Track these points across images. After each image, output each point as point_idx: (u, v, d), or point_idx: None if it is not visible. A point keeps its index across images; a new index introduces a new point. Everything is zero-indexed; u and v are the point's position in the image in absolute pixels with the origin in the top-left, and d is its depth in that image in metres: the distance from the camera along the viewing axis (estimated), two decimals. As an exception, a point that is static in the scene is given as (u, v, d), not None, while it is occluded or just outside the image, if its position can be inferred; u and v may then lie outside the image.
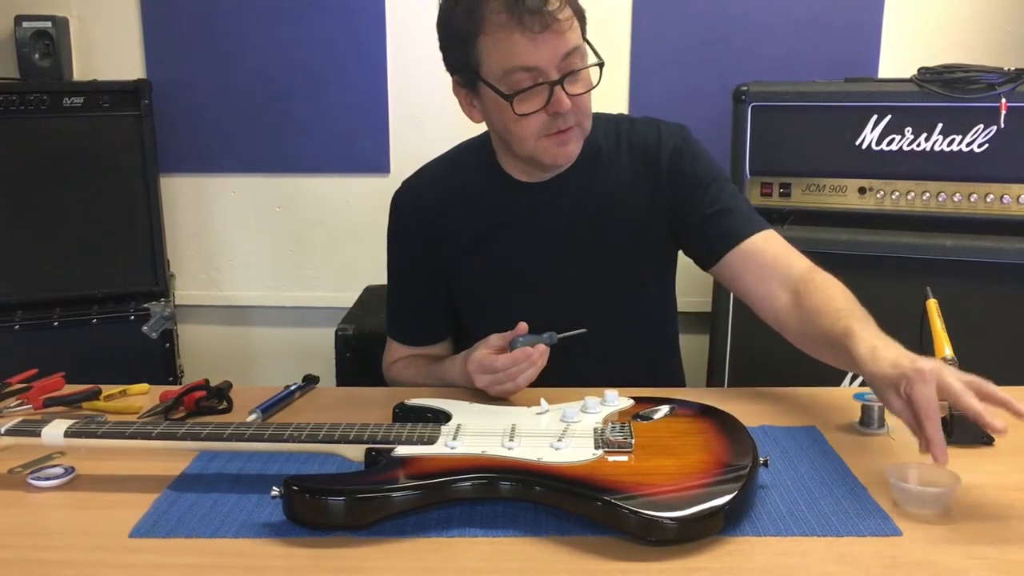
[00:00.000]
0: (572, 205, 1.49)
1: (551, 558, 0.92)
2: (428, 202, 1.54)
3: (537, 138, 1.37)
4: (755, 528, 0.97)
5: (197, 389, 1.35)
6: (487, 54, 1.32)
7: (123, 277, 2.66)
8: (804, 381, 1.46)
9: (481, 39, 1.32)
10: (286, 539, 0.95)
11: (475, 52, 1.33)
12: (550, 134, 1.36)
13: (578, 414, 1.14)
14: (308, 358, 2.85)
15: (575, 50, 1.33)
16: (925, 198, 2.16)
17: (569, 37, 1.31)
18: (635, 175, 1.49)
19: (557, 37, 1.29)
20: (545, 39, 1.29)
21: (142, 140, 2.61)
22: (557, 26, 1.29)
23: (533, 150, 1.38)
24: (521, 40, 1.28)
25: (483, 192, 1.51)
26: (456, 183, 1.54)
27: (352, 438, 1.07)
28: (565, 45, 1.31)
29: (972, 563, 0.91)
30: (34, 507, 1.05)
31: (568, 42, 1.31)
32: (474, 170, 1.53)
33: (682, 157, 1.49)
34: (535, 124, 1.35)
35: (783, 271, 1.40)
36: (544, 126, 1.35)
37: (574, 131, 1.38)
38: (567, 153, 1.40)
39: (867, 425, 1.25)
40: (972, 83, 2.09)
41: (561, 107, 1.33)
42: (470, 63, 1.35)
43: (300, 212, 2.91)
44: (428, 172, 1.58)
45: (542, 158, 1.39)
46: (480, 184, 1.51)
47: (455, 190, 1.53)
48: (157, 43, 2.79)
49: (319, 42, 2.76)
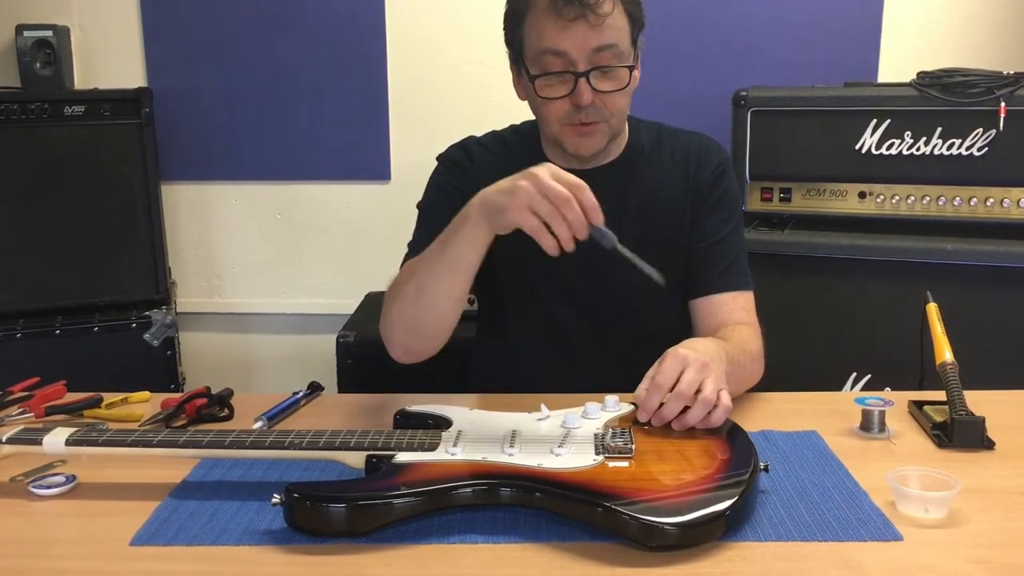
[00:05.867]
0: (614, 199, 1.49)
1: (552, 564, 0.92)
2: (478, 160, 1.54)
3: (560, 124, 1.41)
4: (756, 533, 0.97)
5: (198, 397, 1.35)
6: (527, 35, 1.39)
7: (124, 285, 2.66)
8: (804, 385, 1.46)
9: (527, 19, 1.38)
10: (287, 546, 0.95)
11: (521, 31, 1.40)
12: (572, 124, 1.40)
13: (579, 420, 1.14)
14: (309, 365, 2.85)
15: (610, 47, 1.35)
16: (925, 202, 2.17)
17: (605, 33, 1.34)
18: (675, 180, 1.52)
19: (590, 29, 1.33)
20: (577, 28, 1.32)
21: (143, 148, 2.61)
22: (593, 18, 1.32)
23: (558, 134, 1.42)
24: (553, 24, 1.33)
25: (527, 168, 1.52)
26: (502, 156, 1.54)
27: (353, 445, 1.08)
28: (598, 39, 1.33)
29: (973, 567, 0.91)
30: (35, 515, 1.05)
31: (603, 37, 1.34)
32: (520, 149, 1.54)
33: (723, 177, 1.53)
34: (559, 110, 1.39)
35: (721, 334, 1.42)
36: (567, 115, 1.39)
37: (599, 127, 1.41)
38: (588, 144, 1.42)
39: (868, 429, 1.25)
40: (971, 87, 2.09)
41: (582, 99, 1.35)
42: (516, 41, 1.42)
43: (301, 219, 2.91)
44: (475, 140, 1.59)
45: (564, 145, 1.43)
46: (525, 163, 1.52)
47: (501, 161, 1.53)
48: (158, 51, 2.79)
49: (320, 50, 2.77)
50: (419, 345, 1.38)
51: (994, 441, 1.20)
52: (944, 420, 1.24)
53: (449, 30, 2.77)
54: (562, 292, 1.51)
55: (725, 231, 1.52)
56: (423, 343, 1.37)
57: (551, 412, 1.17)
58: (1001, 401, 1.35)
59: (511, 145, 1.56)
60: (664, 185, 1.52)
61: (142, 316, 2.64)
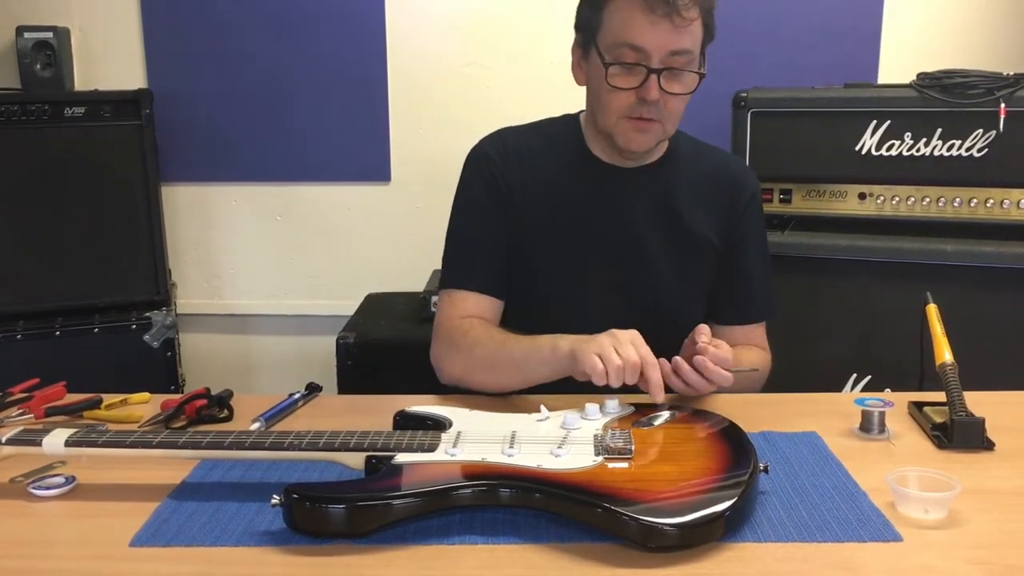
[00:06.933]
0: (649, 201, 1.53)
1: (551, 565, 0.92)
2: (515, 150, 1.54)
3: (620, 116, 1.42)
4: (755, 534, 0.97)
5: (198, 398, 1.35)
6: (608, 21, 1.39)
7: (125, 286, 2.66)
8: (804, 386, 1.46)
9: (609, 5, 1.39)
10: (287, 547, 0.95)
11: (600, 16, 1.41)
12: (632, 117, 1.41)
13: (578, 421, 1.14)
14: (309, 366, 2.85)
15: (685, 52, 1.38)
16: (925, 203, 2.17)
17: (684, 37, 1.37)
18: (709, 197, 1.55)
19: (673, 31, 1.36)
20: (661, 27, 1.35)
21: (143, 149, 2.62)
22: (679, 20, 1.35)
23: (614, 127, 1.44)
24: (640, 18, 1.35)
25: (567, 162, 1.54)
26: (542, 147, 1.55)
27: (352, 446, 1.07)
28: (677, 42, 1.37)
29: (973, 568, 0.91)
30: (35, 516, 1.05)
31: (681, 41, 1.37)
32: (559, 140, 1.56)
33: (757, 205, 1.60)
34: (623, 101, 1.40)
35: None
36: (629, 107, 1.41)
37: (655, 125, 1.43)
38: (640, 141, 1.45)
39: (867, 430, 1.25)
40: (971, 88, 2.09)
41: (649, 95, 1.38)
42: (592, 25, 1.42)
43: (301, 220, 2.91)
44: (512, 131, 1.59)
45: (617, 137, 1.44)
46: (565, 154, 1.55)
47: (540, 152, 1.54)
48: (158, 53, 2.80)
49: (320, 51, 2.77)
50: (473, 387, 1.46)
51: (994, 442, 1.20)
52: (944, 421, 1.24)
53: (449, 32, 2.77)
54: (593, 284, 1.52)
55: (753, 262, 1.58)
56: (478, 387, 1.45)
57: (550, 413, 1.17)
58: (1001, 402, 1.35)
59: (552, 135, 1.57)
60: (698, 197, 1.54)
61: (142, 317, 2.64)
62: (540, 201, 1.51)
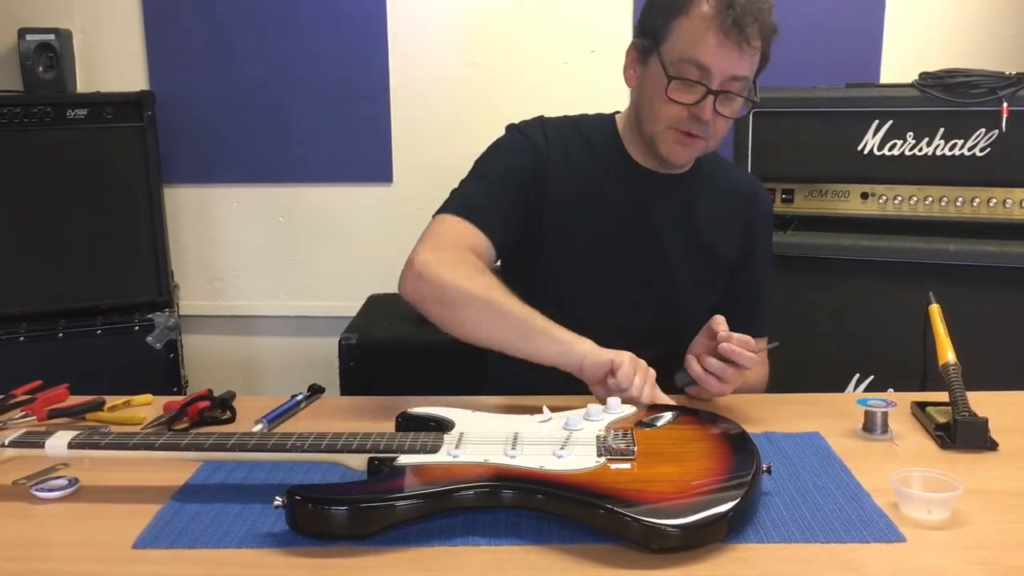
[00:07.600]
0: (673, 208, 1.55)
1: (554, 566, 0.92)
2: (556, 138, 1.54)
3: (668, 126, 1.44)
4: (758, 535, 0.97)
5: (201, 399, 1.35)
6: (677, 34, 1.40)
7: (127, 288, 2.66)
8: (807, 387, 1.46)
9: (681, 19, 1.39)
10: (289, 549, 0.95)
11: (669, 27, 1.41)
12: (680, 130, 1.43)
13: (581, 422, 1.14)
14: (312, 367, 2.85)
15: (743, 79, 1.41)
16: (927, 203, 2.16)
17: (746, 64, 1.40)
18: (728, 206, 1.59)
19: (739, 58, 1.38)
20: (730, 51, 1.37)
21: (145, 151, 2.62)
22: (747, 48, 1.37)
23: (659, 135, 1.46)
24: (712, 40, 1.37)
25: (602, 158, 1.55)
26: (580, 140, 1.56)
27: (355, 447, 1.07)
28: (740, 68, 1.39)
29: (976, 569, 0.91)
30: (38, 519, 1.05)
31: (743, 68, 1.40)
32: (596, 138, 1.57)
33: (769, 224, 1.67)
34: (675, 113, 1.42)
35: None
36: (679, 120, 1.43)
37: (699, 142, 1.45)
38: (683, 154, 1.47)
39: (870, 431, 1.25)
40: (973, 87, 2.09)
41: (704, 114, 1.40)
42: (659, 34, 1.42)
43: (303, 222, 2.92)
44: (551, 120, 1.59)
45: (660, 146, 1.46)
46: (601, 151, 1.56)
47: (578, 144, 1.55)
48: (160, 55, 2.80)
49: (322, 52, 2.78)
50: (438, 313, 1.39)
51: (997, 442, 1.20)
52: (947, 421, 1.24)
53: (450, 32, 2.77)
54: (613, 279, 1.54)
55: (761, 278, 1.62)
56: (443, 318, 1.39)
57: (553, 414, 1.17)
58: (1004, 402, 1.35)
59: (588, 132, 1.57)
60: (718, 210, 1.57)
61: (145, 319, 2.64)
62: (573, 192, 1.52)
